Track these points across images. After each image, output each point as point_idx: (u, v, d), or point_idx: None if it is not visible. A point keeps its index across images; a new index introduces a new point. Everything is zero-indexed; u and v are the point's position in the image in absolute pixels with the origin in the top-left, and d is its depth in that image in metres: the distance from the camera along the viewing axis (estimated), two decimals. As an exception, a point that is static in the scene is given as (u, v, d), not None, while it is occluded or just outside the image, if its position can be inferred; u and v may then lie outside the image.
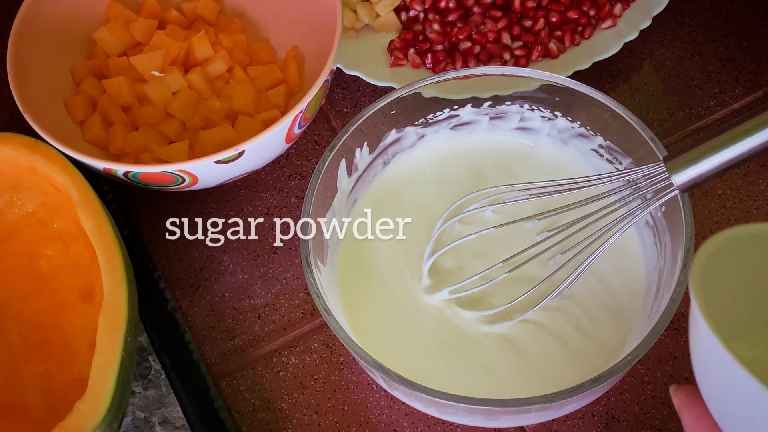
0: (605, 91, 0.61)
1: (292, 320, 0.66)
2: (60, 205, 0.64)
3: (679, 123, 0.72)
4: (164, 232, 0.70)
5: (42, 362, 0.61)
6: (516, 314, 0.58)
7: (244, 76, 0.72)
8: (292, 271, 0.68)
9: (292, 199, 0.72)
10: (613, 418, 0.60)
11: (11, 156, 0.63)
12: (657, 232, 0.59)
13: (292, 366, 0.64)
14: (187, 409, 0.61)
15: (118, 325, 0.56)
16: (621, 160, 0.62)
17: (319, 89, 0.64)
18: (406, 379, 0.52)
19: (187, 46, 0.72)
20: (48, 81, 0.70)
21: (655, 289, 0.58)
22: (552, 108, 0.63)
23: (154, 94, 0.70)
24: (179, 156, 0.67)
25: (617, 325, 0.58)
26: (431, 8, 0.75)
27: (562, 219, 0.58)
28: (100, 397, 0.53)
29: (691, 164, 0.52)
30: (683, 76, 0.74)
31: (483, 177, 0.65)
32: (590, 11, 0.73)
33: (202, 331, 0.66)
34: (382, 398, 0.62)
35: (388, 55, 0.75)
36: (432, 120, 0.65)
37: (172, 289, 0.68)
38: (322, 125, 0.75)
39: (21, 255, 0.64)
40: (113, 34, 0.73)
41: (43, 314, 0.63)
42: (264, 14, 0.76)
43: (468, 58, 0.73)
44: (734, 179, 0.69)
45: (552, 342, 0.58)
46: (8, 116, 0.76)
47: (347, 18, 0.76)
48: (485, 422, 0.56)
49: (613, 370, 0.50)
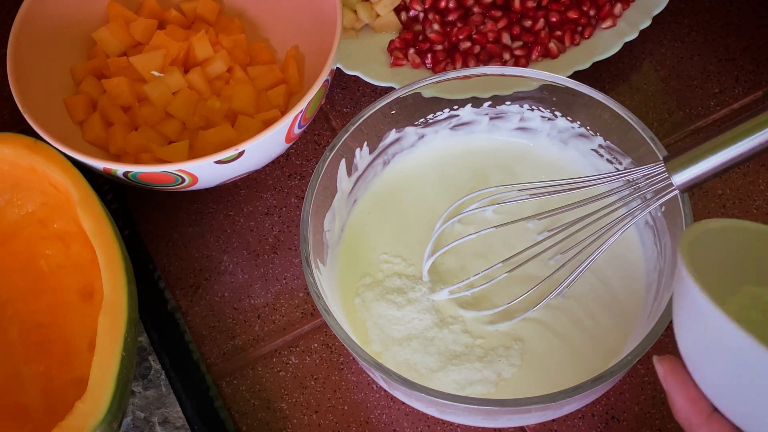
0: (605, 91, 0.61)
1: (292, 320, 0.66)
2: (60, 205, 0.64)
3: (679, 123, 0.72)
4: (164, 232, 0.71)
5: (42, 362, 0.61)
6: (517, 313, 0.58)
7: (244, 76, 0.72)
8: (292, 271, 0.68)
9: (292, 199, 0.72)
10: (613, 418, 0.60)
11: (11, 156, 0.63)
12: (657, 232, 0.59)
13: (292, 366, 0.64)
14: (187, 409, 0.61)
15: (118, 325, 0.56)
16: (621, 160, 0.62)
17: (319, 89, 0.64)
18: (406, 379, 0.52)
19: (187, 46, 0.72)
20: (48, 81, 0.70)
21: (655, 289, 0.58)
22: (552, 108, 0.63)
23: (154, 94, 0.70)
24: (179, 156, 0.67)
25: (618, 325, 0.58)
26: (431, 8, 0.75)
27: (563, 219, 0.58)
28: (100, 397, 0.53)
29: (690, 164, 0.52)
30: (683, 76, 0.74)
31: (483, 177, 0.65)
32: (590, 11, 0.73)
33: (202, 331, 0.66)
34: (382, 398, 0.62)
35: (388, 55, 0.75)
36: (432, 120, 0.65)
37: (172, 289, 0.68)
38: (322, 125, 0.75)
39: (21, 255, 0.64)
40: (113, 34, 0.73)
41: (43, 314, 0.63)
42: (264, 14, 0.76)
43: (468, 58, 0.73)
44: (734, 179, 0.69)
45: (554, 340, 0.58)
46: (8, 116, 0.76)
47: (347, 18, 0.76)
48: (485, 422, 0.56)
49: (613, 370, 0.50)
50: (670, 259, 0.56)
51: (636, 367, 0.62)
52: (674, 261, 0.55)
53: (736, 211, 0.67)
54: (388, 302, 0.60)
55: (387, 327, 0.59)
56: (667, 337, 0.62)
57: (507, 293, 0.59)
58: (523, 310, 0.58)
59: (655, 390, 0.61)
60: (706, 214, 0.67)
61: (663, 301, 0.53)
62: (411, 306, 0.59)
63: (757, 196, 0.68)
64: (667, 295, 0.53)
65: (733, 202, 0.68)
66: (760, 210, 0.67)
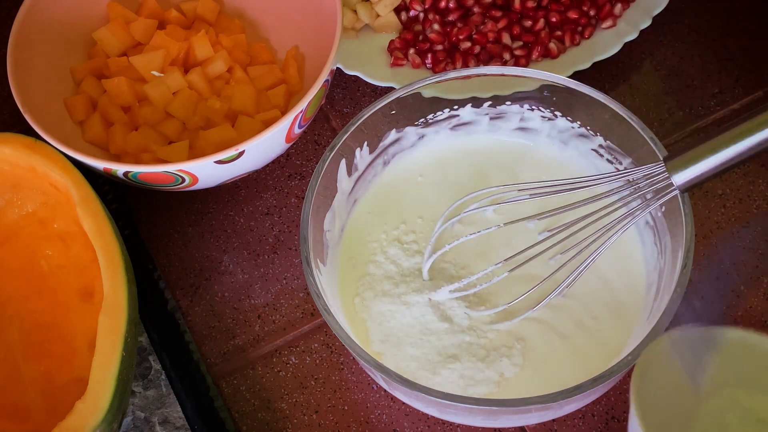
0: (605, 91, 0.61)
1: (292, 320, 0.66)
2: (60, 205, 0.64)
3: (679, 123, 0.72)
4: (164, 232, 0.71)
5: (42, 362, 0.61)
6: (519, 313, 0.58)
7: (244, 76, 0.72)
8: (292, 271, 0.68)
9: (292, 199, 0.72)
10: (613, 418, 0.60)
11: (11, 156, 0.63)
12: (657, 232, 0.59)
13: (292, 366, 0.64)
14: (187, 409, 0.61)
15: (118, 325, 0.56)
16: (621, 160, 0.62)
17: (319, 89, 0.64)
18: (406, 379, 0.52)
19: (187, 46, 0.72)
20: (48, 81, 0.70)
21: (655, 289, 0.58)
22: (552, 108, 0.63)
23: (154, 94, 0.70)
24: (179, 156, 0.67)
25: (619, 324, 0.58)
26: (431, 8, 0.75)
27: (563, 219, 0.58)
28: (100, 397, 0.53)
29: (691, 164, 0.52)
30: (683, 76, 0.74)
31: (483, 177, 0.65)
32: (590, 11, 0.73)
33: (202, 331, 0.66)
34: (382, 398, 0.62)
35: (388, 55, 0.75)
36: (432, 120, 0.65)
37: (172, 289, 0.68)
38: (322, 125, 0.75)
39: (21, 255, 0.64)
40: (113, 34, 0.73)
41: (43, 314, 0.63)
42: (264, 14, 0.76)
43: (468, 58, 0.73)
44: (734, 179, 0.69)
45: (556, 339, 0.58)
46: (8, 116, 0.76)
47: (347, 18, 0.76)
48: (485, 422, 0.56)
49: (613, 370, 0.50)
50: (670, 259, 0.56)
51: (636, 367, 0.62)
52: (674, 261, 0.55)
53: (736, 211, 0.67)
54: (389, 302, 0.60)
55: (387, 327, 0.59)
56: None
57: (508, 293, 0.59)
58: (524, 309, 0.58)
59: (655, 390, 0.61)
60: (706, 214, 0.67)
61: (663, 301, 0.54)
62: (412, 306, 0.59)
63: (757, 196, 0.68)
64: (667, 296, 0.53)
65: (733, 202, 0.68)
66: (760, 210, 0.67)
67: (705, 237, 0.66)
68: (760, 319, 0.63)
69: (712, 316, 0.63)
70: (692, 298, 0.61)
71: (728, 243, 0.66)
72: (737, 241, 0.66)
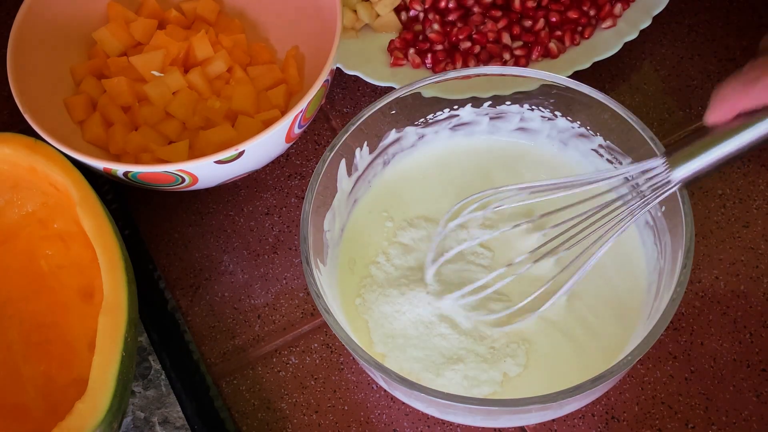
0: (605, 91, 0.61)
1: (292, 320, 0.66)
2: (60, 205, 0.64)
3: (679, 123, 0.72)
4: (164, 232, 0.71)
5: (42, 362, 0.61)
6: (523, 314, 0.58)
7: (244, 76, 0.72)
8: (292, 271, 0.68)
9: (292, 199, 0.72)
10: (613, 418, 0.60)
11: (11, 156, 0.63)
12: (657, 232, 0.59)
13: (292, 366, 0.64)
14: (187, 409, 0.61)
15: (118, 325, 0.56)
16: (621, 160, 0.62)
17: (319, 89, 0.64)
18: (406, 379, 0.52)
19: (187, 46, 0.72)
20: (48, 81, 0.70)
21: (655, 289, 0.58)
22: (552, 108, 0.63)
23: (154, 94, 0.70)
24: (179, 156, 0.67)
25: (620, 324, 0.58)
26: (431, 8, 0.75)
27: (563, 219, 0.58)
28: (100, 397, 0.53)
29: (690, 158, 0.53)
30: (683, 76, 0.74)
31: (483, 177, 0.65)
32: (590, 11, 0.73)
33: (202, 331, 0.66)
34: (382, 398, 0.62)
35: (388, 55, 0.75)
36: (432, 120, 0.65)
37: (172, 289, 0.68)
38: (322, 125, 0.75)
39: (21, 255, 0.64)
40: (113, 34, 0.73)
41: (43, 314, 0.63)
42: (264, 14, 0.76)
43: (468, 58, 0.73)
44: (734, 179, 0.69)
45: (560, 339, 0.58)
46: (8, 116, 0.76)
47: (347, 18, 0.76)
48: (485, 422, 0.56)
49: (613, 370, 0.50)
50: (670, 259, 0.56)
51: (636, 367, 0.62)
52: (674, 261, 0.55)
53: (736, 211, 0.67)
54: (391, 304, 0.60)
55: (390, 328, 0.59)
56: (667, 337, 0.63)
57: (511, 294, 0.58)
58: (528, 311, 0.58)
59: (655, 390, 0.61)
60: (706, 213, 0.67)
61: (663, 301, 0.53)
62: (414, 308, 0.59)
63: (757, 196, 0.68)
64: (667, 296, 0.53)
65: (733, 202, 0.68)
66: (760, 210, 0.67)
67: (705, 237, 0.66)
68: (760, 319, 0.63)
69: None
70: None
71: (728, 243, 0.66)
72: (737, 241, 0.66)
